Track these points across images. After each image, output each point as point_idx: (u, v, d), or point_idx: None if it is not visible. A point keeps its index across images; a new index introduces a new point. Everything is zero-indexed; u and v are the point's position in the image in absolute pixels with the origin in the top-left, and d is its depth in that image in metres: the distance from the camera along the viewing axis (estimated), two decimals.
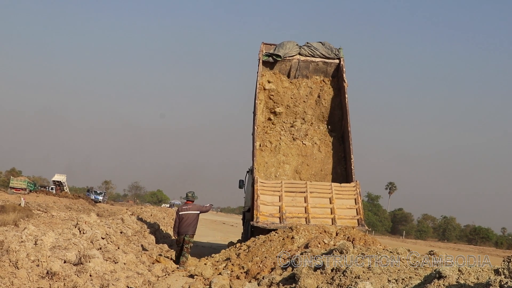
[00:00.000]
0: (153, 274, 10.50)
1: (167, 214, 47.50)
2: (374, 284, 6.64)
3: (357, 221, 14.43)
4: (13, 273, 6.89)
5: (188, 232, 13.61)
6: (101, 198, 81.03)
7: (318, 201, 14.78)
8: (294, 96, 17.98)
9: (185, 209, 13.85)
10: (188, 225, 13.66)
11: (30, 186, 67.83)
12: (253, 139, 16.51)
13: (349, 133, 16.39)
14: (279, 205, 14.57)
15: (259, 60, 17.34)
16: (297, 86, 17.98)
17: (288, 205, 14.59)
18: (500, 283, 4.82)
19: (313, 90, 17.95)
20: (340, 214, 14.52)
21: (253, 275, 10.43)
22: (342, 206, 14.78)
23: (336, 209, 14.58)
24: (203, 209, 14.24)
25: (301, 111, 17.98)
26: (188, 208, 13.84)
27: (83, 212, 33.82)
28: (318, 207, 14.70)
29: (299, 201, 14.71)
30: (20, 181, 67.50)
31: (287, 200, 14.65)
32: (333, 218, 14.38)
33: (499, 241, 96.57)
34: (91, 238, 10.60)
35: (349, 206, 14.85)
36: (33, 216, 23.81)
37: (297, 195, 14.81)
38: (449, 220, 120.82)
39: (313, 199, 14.74)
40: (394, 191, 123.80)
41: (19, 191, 61.67)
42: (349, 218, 14.50)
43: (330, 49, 17.59)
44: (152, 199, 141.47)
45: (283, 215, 14.28)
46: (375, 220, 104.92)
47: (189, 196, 14.10)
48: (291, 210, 14.50)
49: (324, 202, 14.78)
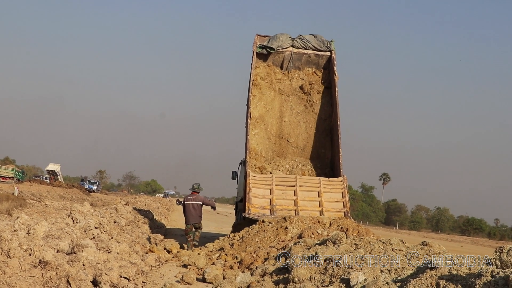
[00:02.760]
0: (146, 264, 10.49)
1: (161, 204, 47.54)
2: (367, 274, 6.65)
3: (344, 214, 15.03)
4: (5, 262, 6.86)
5: (194, 222, 14.78)
6: (95, 188, 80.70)
7: (307, 195, 15.34)
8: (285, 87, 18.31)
9: (189, 199, 15.00)
10: (192, 215, 14.81)
11: (18, 174, 66.73)
12: (246, 131, 16.68)
13: (338, 126, 16.75)
14: (270, 198, 15.10)
15: (253, 52, 17.63)
16: (290, 78, 18.37)
17: (279, 198, 15.14)
18: (492, 273, 4.83)
19: (305, 82, 18.27)
20: (327, 207, 15.10)
21: (246, 265, 10.44)
22: (330, 199, 15.37)
23: (324, 202, 15.16)
24: (206, 201, 15.37)
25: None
26: (192, 199, 14.98)
27: (77, 201, 33.78)
28: (307, 200, 15.24)
29: (289, 194, 15.26)
30: (7, 170, 65.97)
31: (277, 193, 15.21)
32: (321, 210, 14.94)
33: (492, 232, 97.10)
34: (84, 227, 10.56)
35: (336, 200, 15.44)
36: (27, 205, 23.74)
37: (287, 189, 15.37)
38: (443, 211, 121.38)
39: (302, 193, 15.28)
40: (388, 182, 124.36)
41: (6, 180, 60.48)
42: (336, 210, 15.07)
43: (322, 41, 17.94)
44: (146, 189, 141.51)
45: (273, 208, 14.84)
46: (369, 211, 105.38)
47: (194, 188, 15.24)
48: (281, 202, 15.08)
49: (312, 195, 15.35)
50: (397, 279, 6.24)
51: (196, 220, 14.91)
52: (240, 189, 18.32)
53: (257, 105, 17.74)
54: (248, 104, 17.12)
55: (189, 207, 14.94)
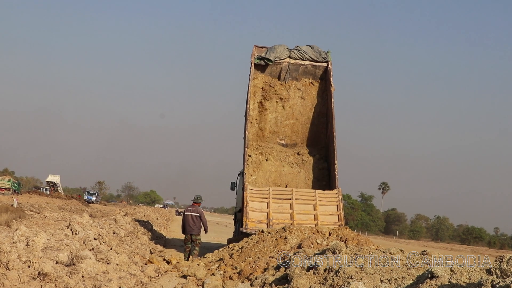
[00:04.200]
0: (145, 275, 10.46)
1: (160, 214, 47.50)
2: (366, 284, 6.63)
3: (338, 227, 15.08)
4: (4, 274, 6.84)
5: (191, 232, 15.18)
6: (94, 199, 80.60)
7: (303, 208, 15.64)
8: (283, 97, 18.63)
9: (189, 210, 15.48)
10: (190, 226, 15.21)
11: (14, 186, 66.09)
12: (244, 143, 16.82)
13: (334, 138, 16.87)
14: (266, 211, 15.44)
15: (251, 63, 17.91)
16: (287, 88, 18.68)
17: (275, 211, 15.47)
18: (492, 283, 4.82)
19: (302, 92, 18.65)
20: (323, 220, 15.37)
21: (246, 276, 10.41)
22: (325, 212, 15.63)
23: (319, 216, 15.45)
24: (203, 218, 15.49)
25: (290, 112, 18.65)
26: (191, 210, 15.41)
27: (76, 212, 33.70)
28: (302, 213, 15.55)
29: (285, 208, 15.57)
30: (3, 181, 65.16)
31: (274, 207, 15.53)
32: (316, 224, 15.15)
33: (492, 241, 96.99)
34: (83, 238, 10.55)
35: (331, 213, 15.69)
36: (26, 217, 23.66)
37: (283, 202, 15.69)
38: (442, 220, 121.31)
39: (298, 206, 15.60)
40: (387, 191, 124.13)
41: (3, 191, 59.68)
42: (331, 224, 15.22)
43: (319, 52, 18.28)
44: (145, 200, 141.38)
45: (270, 221, 15.17)
46: (369, 220, 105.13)
47: (195, 199, 15.70)
48: (277, 216, 15.39)
49: (308, 208, 15.65)
50: None
51: (194, 231, 15.25)
52: (239, 199, 18.47)
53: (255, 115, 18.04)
54: (246, 116, 17.29)
55: (187, 217, 15.33)
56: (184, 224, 15.37)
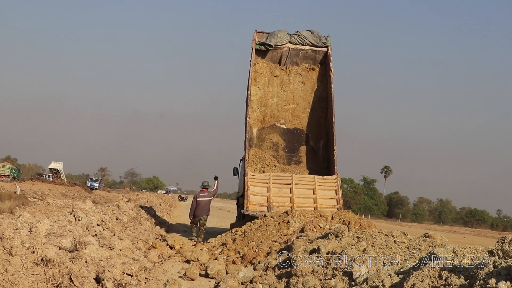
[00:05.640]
0: (149, 260, 10.49)
1: (163, 200, 47.63)
2: (369, 267, 6.65)
3: (337, 210, 15.45)
4: (7, 260, 6.87)
5: (203, 214, 16.36)
6: (97, 185, 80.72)
7: (302, 192, 15.90)
8: (283, 82, 18.80)
9: (202, 196, 16.63)
10: (203, 209, 16.41)
11: (13, 172, 65.33)
12: (245, 129, 16.91)
13: (333, 123, 16.92)
14: (267, 195, 15.72)
15: (252, 48, 17.99)
16: (287, 73, 18.81)
17: (275, 195, 15.74)
18: (494, 263, 4.82)
19: (302, 77, 18.78)
20: (321, 204, 15.64)
21: (249, 260, 10.45)
22: (324, 196, 15.90)
23: (318, 199, 15.69)
24: (214, 192, 16.99)
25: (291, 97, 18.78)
26: (204, 196, 16.62)
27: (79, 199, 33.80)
28: (302, 197, 15.79)
29: (285, 192, 15.84)
30: (2, 168, 64.19)
31: (274, 191, 15.81)
32: (315, 207, 15.39)
33: (495, 223, 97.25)
34: (86, 225, 10.57)
35: (330, 197, 15.95)
36: (29, 203, 23.79)
37: (283, 187, 15.96)
38: (445, 203, 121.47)
39: (298, 190, 15.87)
40: (389, 175, 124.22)
41: (2, 178, 59.05)
42: (330, 207, 15.52)
43: (319, 37, 18.36)
44: (148, 186, 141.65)
45: (270, 204, 15.43)
46: (371, 204, 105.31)
47: (204, 185, 16.79)
48: (277, 200, 15.66)
49: (307, 193, 15.91)
50: (399, 271, 6.24)
51: (204, 213, 16.45)
52: (241, 185, 18.60)
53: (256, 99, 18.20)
54: (247, 102, 17.34)
55: (200, 203, 16.47)
56: (196, 209, 16.38)
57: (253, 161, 17.43)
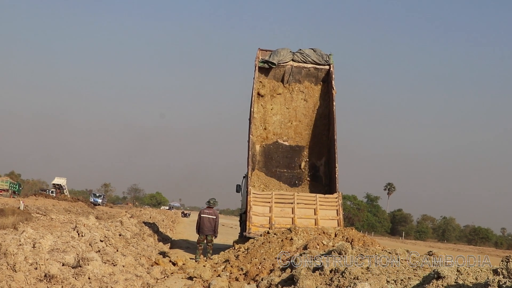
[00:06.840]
0: (152, 277, 10.46)
1: (166, 216, 47.46)
2: (373, 285, 6.62)
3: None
4: (11, 276, 6.87)
5: (209, 233, 15.97)
6: (100, 201, 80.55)
7: (304, 212, 16.08)
8: (286, 99, 18.99)
9: (206, 213, 16.19)
10: (207, 227, 15.97)
11: (13, 187, 64.29)
12: (248, 146, 16.99)
13: (335, 141, 17.09)
14: (269, 216, 15.89)
15: (255, 66, 18.24)
16: (290, 90, 19.03)
17: (277, 216, 15.92)
18: (499, 283, 4.81)
19: (305, 94, 19.00)
20: (323, 225, 15.52)
21: (252, 277, 10.40)
22: (325, 217, 16.06)
23: (320, 220, 15.86)
24: (218, 220, 16.28)
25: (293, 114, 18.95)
26: (208, 213, 16.16)
27: (82, 215, 33.77)
28: (303, 217, 15.94)
29: (287, 212, 16.02)
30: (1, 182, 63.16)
31: (276, 211, 15.99)
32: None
33: (499, 241, 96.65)
34: (89, 240, 10.57)
35: (331, 217, 16.10)
36: (32, 219, 23.75)
37: (285, 206, 16.14)
38: (449, 220, 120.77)
39: (299, 210, 16.04)
40: (393, 192, 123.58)
41: (1, 192, 58.31)
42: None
43: (321, 55, 18.61)
44: (151, 202, 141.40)
45: (272, 226, 15.54)
46: (375, 221, 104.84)
47: (210, 203, 16.36)
48: (279, 221, 15.82)
49: (309, 213, 16.09)
50: None
51: (210, 232, 16.02)
52: (244, 201, 18.68)
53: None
54: (250, 119, 17.42)
55: (204, 219, 16.06)
56: (200, 225, 16.08)
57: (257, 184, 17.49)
